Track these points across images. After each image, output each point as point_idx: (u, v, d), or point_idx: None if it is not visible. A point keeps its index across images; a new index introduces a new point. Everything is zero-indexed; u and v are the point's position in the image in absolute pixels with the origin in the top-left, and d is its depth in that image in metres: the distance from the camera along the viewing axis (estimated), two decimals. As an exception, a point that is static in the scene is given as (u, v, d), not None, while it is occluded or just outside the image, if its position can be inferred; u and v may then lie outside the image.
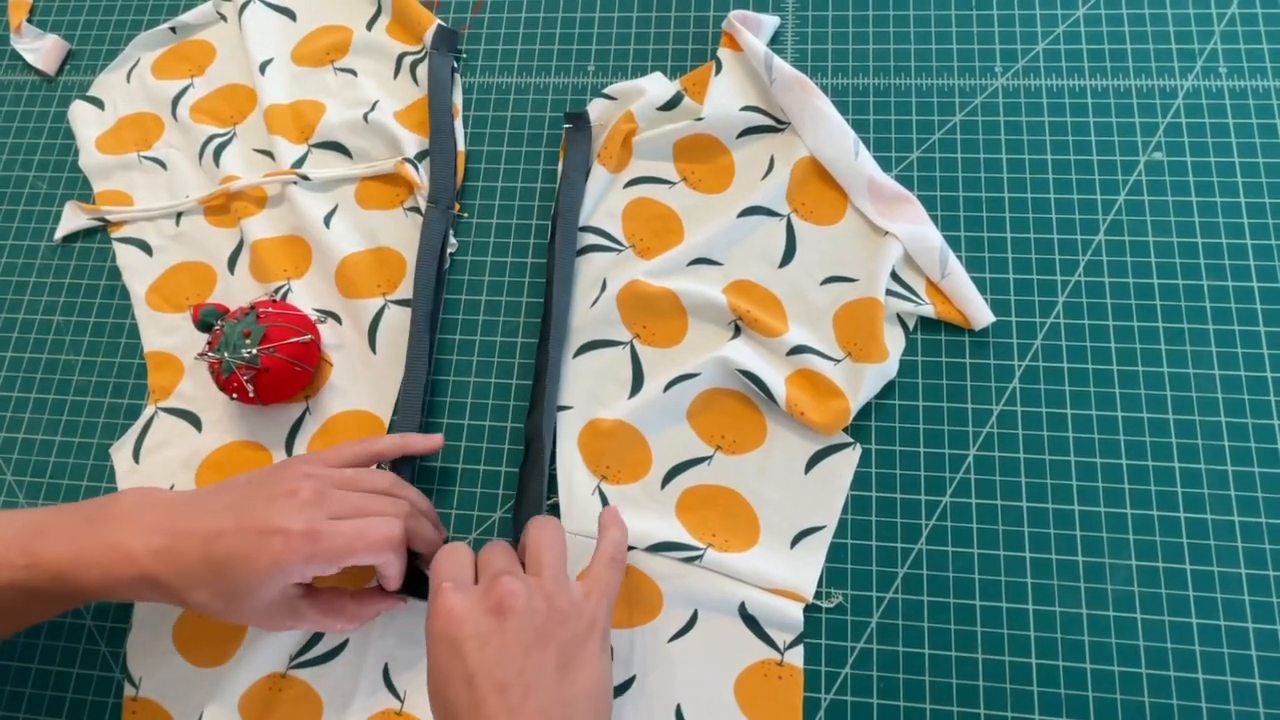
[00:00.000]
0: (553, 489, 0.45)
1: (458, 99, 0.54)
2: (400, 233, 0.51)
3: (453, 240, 0.51)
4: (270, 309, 0.46)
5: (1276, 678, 0.39)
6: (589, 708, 0.34)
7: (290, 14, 0.57)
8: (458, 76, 0.55)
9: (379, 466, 0.45)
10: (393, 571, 0.39)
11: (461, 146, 0.53)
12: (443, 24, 0.55)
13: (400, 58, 0.55)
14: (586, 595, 0.37)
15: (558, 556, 0.38)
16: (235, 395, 0.45)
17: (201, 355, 0.45)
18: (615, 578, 0.38)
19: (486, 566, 0.37)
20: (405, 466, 0.45)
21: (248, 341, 0.44)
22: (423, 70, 0.54)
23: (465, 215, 0.51)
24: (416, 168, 0.51)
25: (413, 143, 0.52)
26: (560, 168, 0.51)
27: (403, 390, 0.46)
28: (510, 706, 0.32)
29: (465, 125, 0.53)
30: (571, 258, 0.49)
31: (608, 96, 0.52)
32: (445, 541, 0.43)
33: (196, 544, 0.37)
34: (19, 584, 0.37)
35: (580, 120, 0.51)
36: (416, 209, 0.51)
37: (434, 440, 0.45)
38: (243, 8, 0.57)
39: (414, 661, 0.43)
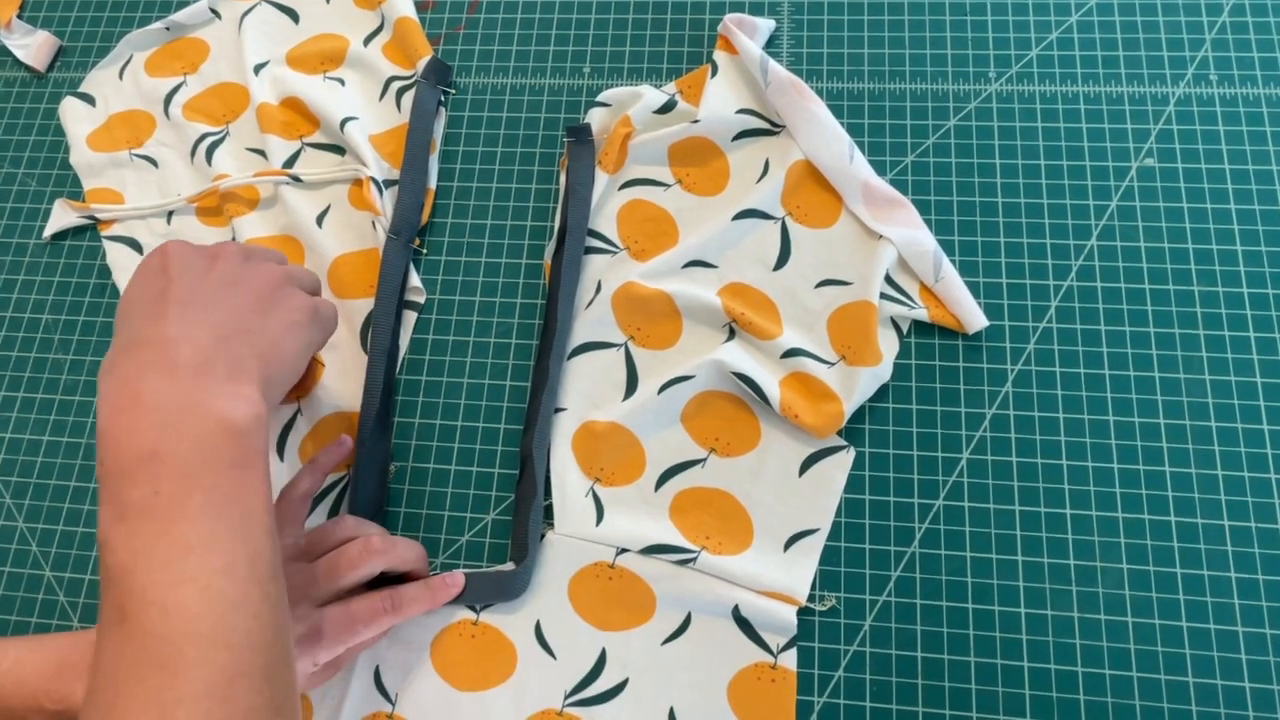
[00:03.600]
0: (546, 491, 0.45)
1: (438, 133, 0.53)
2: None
3: (417, 282, 0.49)
4: (262, 309, 0.46)
5: (1266, 681, 0.40)
6: (268, 338, 0.34)
7: (294, 16, 0.57)
8: (443, 110, 0.53)
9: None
10: (410, 555, 0.41)
11: (432, 184, 0.51)
12: (437, 57, 0.54)
13: (389, 81, 0.54)
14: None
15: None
16: (226, 395, 0.44)
17: (192, 355, 0.45)
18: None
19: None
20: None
21: (240, 341, 0.44)
22: (409, 98, 0.53)
23: (425, 252, 0.50)
24: (380, 191, 0.50)
25: (380, 169, 0.51)
26: (563, 182, 0.50)
27: (358, 450, 0.45)
28: (187, 317, 0.32)
29: (459, 125, 0.53)
30: (577, 275, 0.48)
31: (603, 104, 0.51)
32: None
33: None
34: None
35: (582, 133, 0.50)
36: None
37: (343, 446, 0.45)
38: (246, 12, 0.56)
39: (406, 664, 0.42)
